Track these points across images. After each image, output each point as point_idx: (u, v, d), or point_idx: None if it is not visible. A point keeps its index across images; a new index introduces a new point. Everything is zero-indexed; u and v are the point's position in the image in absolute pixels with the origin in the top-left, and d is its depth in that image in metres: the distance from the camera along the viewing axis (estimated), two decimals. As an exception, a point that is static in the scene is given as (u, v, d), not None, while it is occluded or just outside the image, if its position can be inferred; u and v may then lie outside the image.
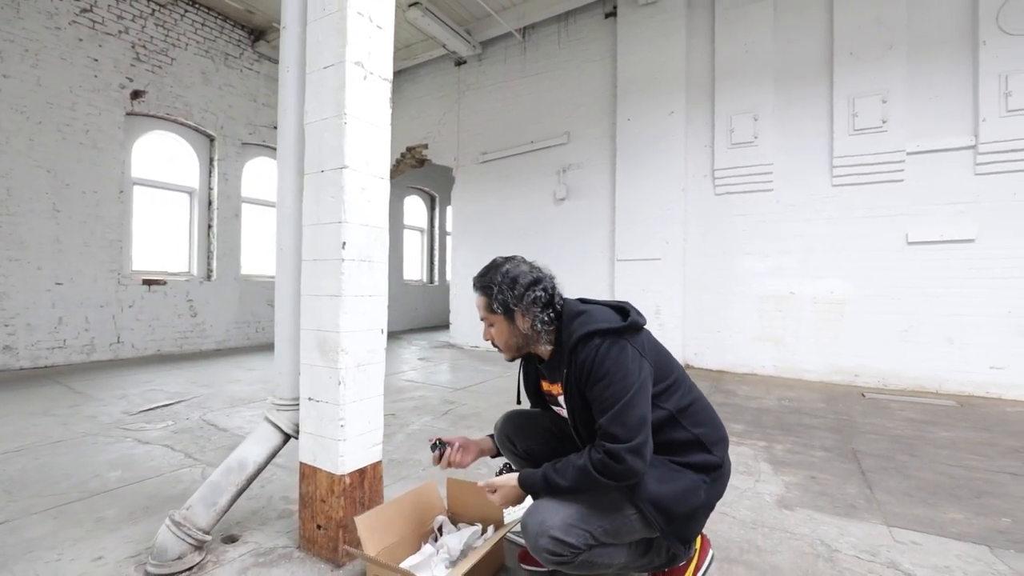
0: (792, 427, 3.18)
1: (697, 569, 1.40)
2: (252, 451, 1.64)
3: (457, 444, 1.53)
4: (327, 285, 1.54)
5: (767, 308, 4.95)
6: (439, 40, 6.44)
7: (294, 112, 1.69)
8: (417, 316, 9.82)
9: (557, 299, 1.33)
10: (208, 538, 1.55)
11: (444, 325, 9.46)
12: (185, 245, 6.24)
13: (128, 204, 5.59)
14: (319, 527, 1.58)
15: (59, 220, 4.98)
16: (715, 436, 1.31)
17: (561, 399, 1.33)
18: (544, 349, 1.37)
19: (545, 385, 1.47)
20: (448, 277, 10.99)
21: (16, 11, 4.68)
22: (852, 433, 3.08)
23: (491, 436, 1.61)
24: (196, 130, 6.19)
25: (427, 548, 1.48)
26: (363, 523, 1.40)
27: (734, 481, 2.17)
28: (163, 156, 6.01)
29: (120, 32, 5.39)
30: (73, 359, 5.08)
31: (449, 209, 11.03)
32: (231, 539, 1.71)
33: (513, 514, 1.62)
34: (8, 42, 4.64)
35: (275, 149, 6.89)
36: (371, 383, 1.62)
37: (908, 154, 4.32)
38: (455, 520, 1.64)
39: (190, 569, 1.51)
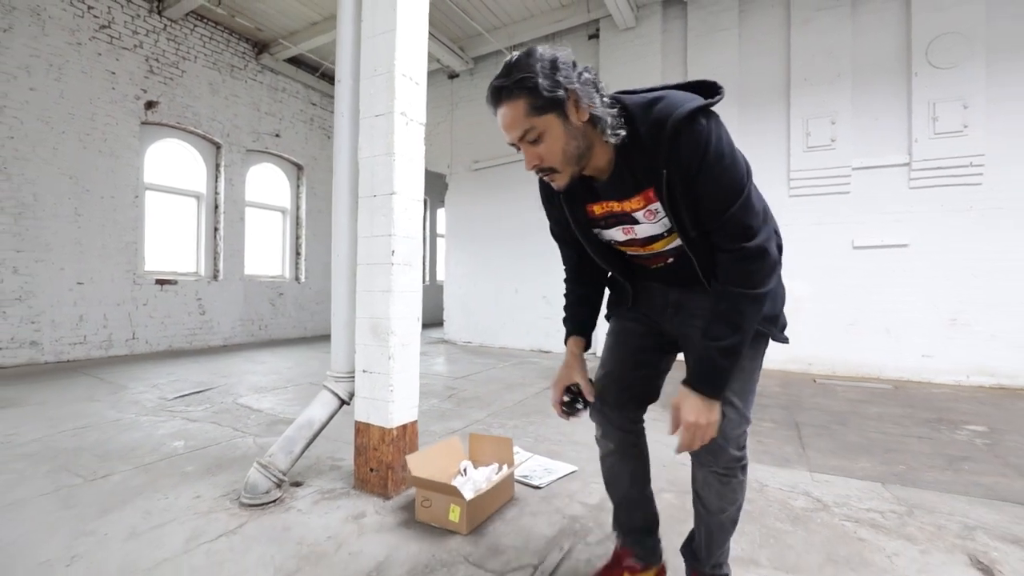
0: (748, 405, 3.73)
1: None
2: (317, 412, 2.10)
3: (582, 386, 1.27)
4: (380, 283, 2.01)
5: (733, 305, 5.52)
6: (434, 55, 6.90)
7: (347, 149, 2.16)
8: (410, 314, 10.21)
9: (601, 86, 1.01)
10: (286, 479, 2.02)
11: (438, 323, 9.91)
12: (193, 247, 6.59)
13: (141, 208, 5.93)
14: (371, 470, 2.05)
15: (80, 224, 5.31)
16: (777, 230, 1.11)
17: (641, 214, 1.08)
18: (603, 154, 1.04)
19: (598, 208, 1.14)
20: (440, 277, 11.44)
21: (42, 28, 5.01)
22: (799, 410, 3.65)
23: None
24: (204, 138, 6.54)
25: (458, 479, 1.97)
26: (412, 459, 1.87)
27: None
28: (173, 162, 6.35)
29: (135, 47, 5.73)
30: (92, 354, 5.42)
31: (440, 212, 11.48)
32: (297, 484, 2.17)
33: (520, 455, 2.11)
34: (34, 57, 4.96)
35: (276, 155, 7.28)
36: (411, 359, 2.10)
37: (853, 169, 4.94)
38: (476, 464, 2.13)
39: (274, 502, 1.97)
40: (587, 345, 1.32)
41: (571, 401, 1.27)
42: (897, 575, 1.53)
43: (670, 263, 1.16)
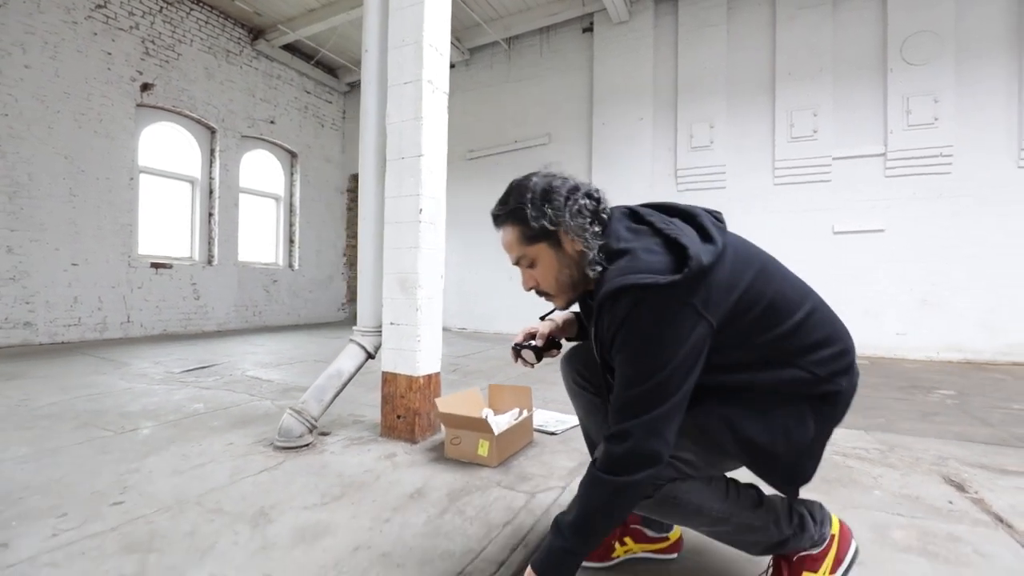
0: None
1: (836, 565, 1.05)
2: (346, 364, 2.22)
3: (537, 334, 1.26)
4: (408, 240, 2.14)
5: (720, 289, 5.76)
6: (430, 45, 7.00)
7: (374, 114, 2.28)
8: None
9: (603, 208, 0.99)
10: (318, 425, 2.13)
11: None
12: (187, 231, 6.57)
13: (136, 191, 5.90)
14: (399, 417, 2.18)
15: (75, 204, 5.28)
16: (829, 356, 0.94)
17: None
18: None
19: None
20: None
21: (37, 5, 4.98)
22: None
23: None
24: (199, 122, 6.53)
25: (483, 422, 2.11)
26: (441, 402, 2.01)
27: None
28: (168, 146, 6.33)
29: (131, 28, 5.71)
30: (87, 336, 5.39)
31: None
32: (325, 433, 2.28)
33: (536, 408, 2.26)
34: (29, 35, 4.93)
35: (271, 142, 7.30)
36: (435, 313, 2.23)
37: (834, 159, 5.21)
38: (496, 412, 2.27)
39: (307, 446, 2.08)
40: (579, 324, 1.29)
41: (522, 348, 1.26)
42: (883, 489, 1.72)
43: None
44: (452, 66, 7.62)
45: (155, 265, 6.00)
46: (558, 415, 2.58)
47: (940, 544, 1.36)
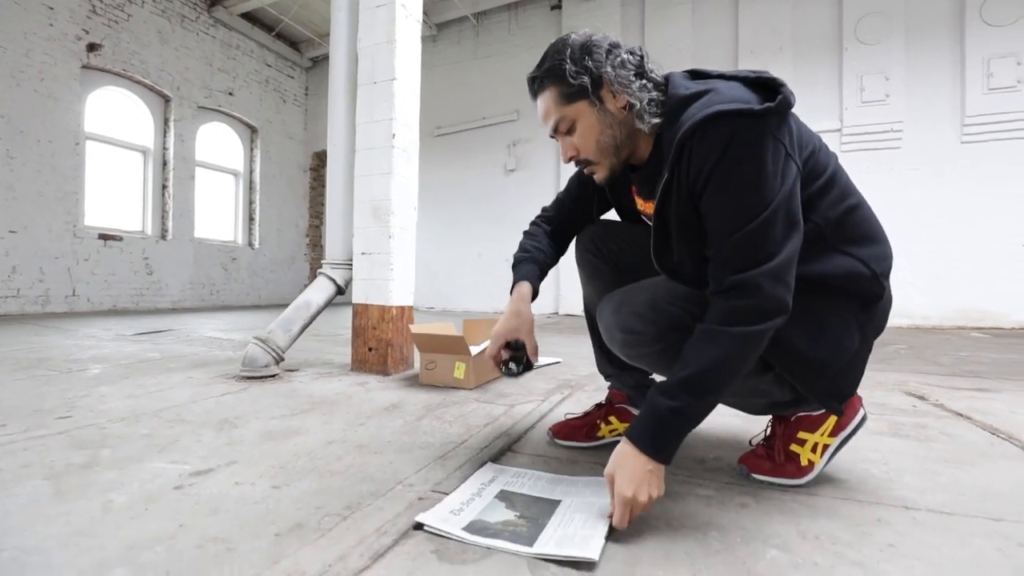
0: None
1: (838, 430, 1.00)
2: (314, 296, 2.13)
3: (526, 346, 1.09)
4: (379, 166, 2.07)
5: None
6: (398, 19, 6.87)
7: (345, 41, 2.20)
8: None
9: (650, 68, 0.91)
10: (284, 357, 2.04)
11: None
12: (139, 204, 6.23)
13: (82, 157, 5.55)
14: (370, 349, 2.11)
15: (12, 167, 4.91)
16: (880, 254, 0.91)
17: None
18: (647, 144, 0.95)
19: (641, 204, 1.07)
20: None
21: (-32, -49, 4.61)
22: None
23: (521, 284, 1.14)
24: (152, 89, 6.20)
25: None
26: (414, 328, 1.95)
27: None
28: (118, 113, 5.98)
29: (76, -17, 5.37)
30: (27, 309, 5.03)
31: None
32: (292, 370, 2.19)
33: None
34: (-40, -19, 4.56)
35: (229, 115, 7.03)
36: (407, 244, 2.17)
37: (793, 135, 5.40)
38: (472, 345, 2.23)
39: (273, 376, 1.99)
40: (535, 295, 1.14)
41: (510, 360, 1.08)
42: (850, 396, 1.78)
43: None
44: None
45: (104, 237, 5.66)
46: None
47: (910, 430, 1.41)
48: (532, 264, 1.15)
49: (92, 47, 5.50)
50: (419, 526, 0.80)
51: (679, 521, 0.83)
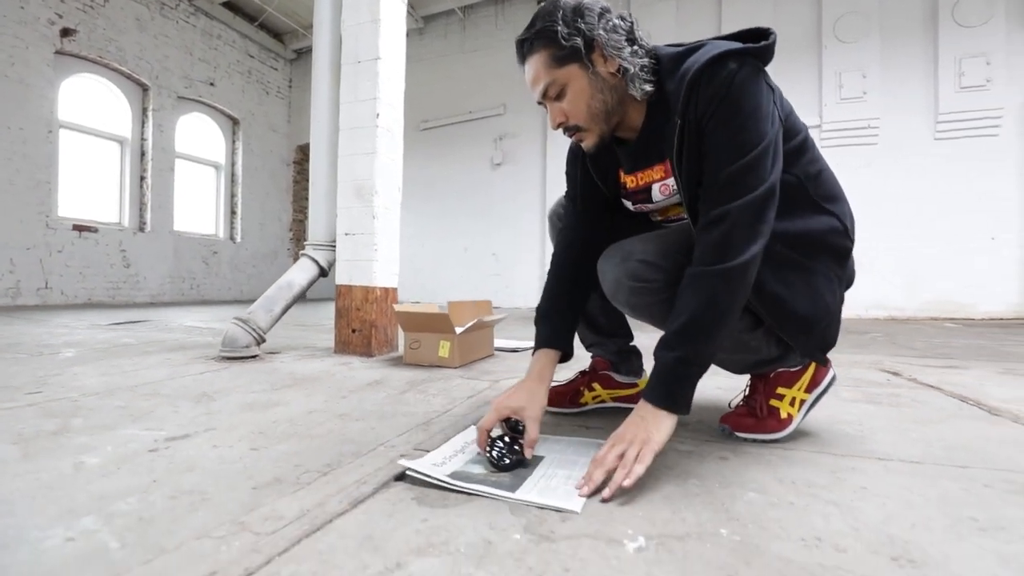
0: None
1: (813, 386, 1.04)
2: (297, 276, 2.11)
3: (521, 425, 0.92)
4: (363, 146, 2.06)
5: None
6: (383, 11, 6.82)
7: (328, 21, 2.18)
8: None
9: (637, 33, 0.91)
10: (266, 339, 2.01)
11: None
12: (115, 195, 6.09)
13: (55, 146, 5.40)
14: (354, 331, 2.09)
15: (-18, 155, 4.77)
16: (847, 211, 0.99)
17: (657, 188, 0.98)
18: (637, 112, 0.95)
19: (628, 179, 1.05)
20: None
21: (-65, -70, 4.46)
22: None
23: (540, 349, 1.04)
24: (129, 78, 6.06)
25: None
26: (399, 308, 1.94)
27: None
28: (93, 101, 5.83)
29: (49, -34, 5.22)
30: (-3, 301, 4.88)
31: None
32: (274, 352, 2.16)
33: (497, 314, 2.23)
34: (-74, -39, 4.41)
35: (210, 106, 6.91)
36: (392, 225, 2.16)
37: (774, 131, 5.49)
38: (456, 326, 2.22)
39: (254, 357, 1.96)
40: (565, 356, 1.05)
41: (501, 445, 0.87)
42: (827, 372, 1.81)
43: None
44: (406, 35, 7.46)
45: (78, 228, 5.52)
46: (517, 343, 2.57)
47: (884, 399, 1.45)
48: (556, 317, 1.06)
49: (66, 32, 5.36)
50: (401, 477, 0.79)
51: (659, 472, 0.83)
